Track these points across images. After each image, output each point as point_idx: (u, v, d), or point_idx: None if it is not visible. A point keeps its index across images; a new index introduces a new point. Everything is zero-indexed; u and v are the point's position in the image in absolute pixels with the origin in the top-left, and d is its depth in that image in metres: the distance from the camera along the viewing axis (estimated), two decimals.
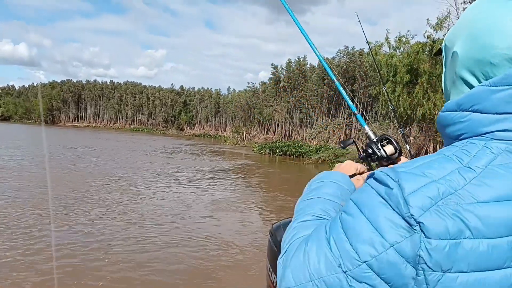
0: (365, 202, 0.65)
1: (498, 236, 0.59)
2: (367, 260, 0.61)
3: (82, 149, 25.03)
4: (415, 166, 0.65)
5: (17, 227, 7.45)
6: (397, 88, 18.83)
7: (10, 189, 10.81)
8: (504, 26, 0.64)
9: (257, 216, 10.06)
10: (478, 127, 0.66)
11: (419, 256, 0.59)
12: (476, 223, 0.58)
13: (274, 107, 42.22)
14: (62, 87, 78.24)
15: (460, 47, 0.71)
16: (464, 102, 0.68)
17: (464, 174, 0.62)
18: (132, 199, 10.66)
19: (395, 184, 0.62)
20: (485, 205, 0.59)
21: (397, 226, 0.60)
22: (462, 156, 0.64)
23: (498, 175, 0.61)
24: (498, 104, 0.64)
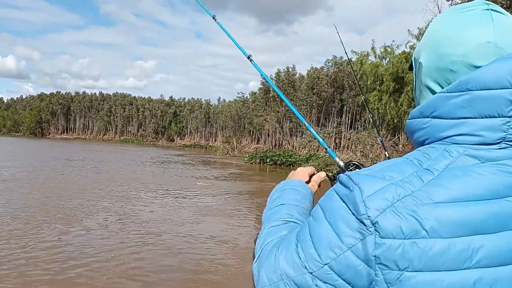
0: (328, 207, 0.69)
1: (453, 236, 0.60)
2: (328, 263, 0.64)
3: (77, 161, 24.81)
4: (377, 169, 0.68)
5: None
6: (384, 97, 19.10)
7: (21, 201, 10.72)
8: (459, 35, 0.69)
9: (246, 221, 10.24)
10: (437, 132, 0.69)
11: (375, 256, 0.61)
12: (431, 223, 0.60)
13: (264, 117, 42.41)
14: (51, 99, 77.72)
15: (424, 58, 0.76)
16: (425, 109, 0.71)
17: (422, 176, 0.64)
18: (132, 207, 11.06)
19: (355, 187, 0.65)
20: (441, 206, 0.61)
21: (353, 229, 0.63)
22: (422, 159, 0.67)
23: (455, 177, 0.63)
24: (454, 109, 0.67)
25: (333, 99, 37.68)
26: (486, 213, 0.62)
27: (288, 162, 29.13)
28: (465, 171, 0.64)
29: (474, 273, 0.60)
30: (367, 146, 27.06)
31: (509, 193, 0.63)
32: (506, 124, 0.65)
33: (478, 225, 0.61)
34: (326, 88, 37.00)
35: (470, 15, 0.70)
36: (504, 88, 0.64)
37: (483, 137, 0.66)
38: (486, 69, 0.66)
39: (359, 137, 31.77)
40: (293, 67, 42.79)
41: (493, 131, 0.65)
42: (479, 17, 0.69)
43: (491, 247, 0.61)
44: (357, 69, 20.99)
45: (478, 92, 0.66)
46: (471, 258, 0.60)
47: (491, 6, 0.71)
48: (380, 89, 19.26)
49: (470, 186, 0.63)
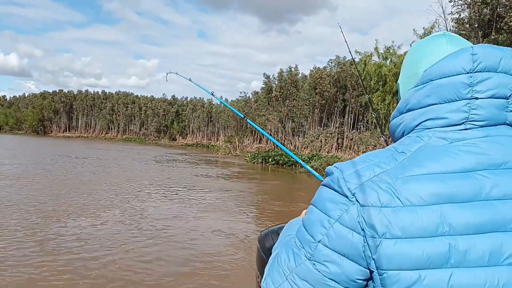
0: (317, 197, 0.76)
1: (426, 204, 0.66)
2: (320, 239, 0.70)
3: (85, 159, 24.92)
4: (361, 156, 0.76)
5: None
6: (387, 97, 19.08)
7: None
8: (426, 56, 0.84)
9: (249, 218, 10.53)
10: (410, 122, 0.78)
11: (359, 222, 0.67)
12: (405, 193, 0.66)
13: (266, 117, 42.42)
14: (53, 97, 77.91)
15: (400, 79, 0.92)
16: (400, 106, 0.82)
17: (397, 157, 0.72)
18: (140, 203, 11.48)
19: (337, 171, 0.73)
20: (414, 178, 0.68)
21: (338, 203, 0.70)
22: (398, 146, 0.75)
23: (426, 154, 0.71)
24: (421, 98, 0.77)
25: (335, 99, 37.66)
26: (457, 184, 0.67)
27: (290, 162, 29.12)
28: (435, 150, 0.71)
29: (449, 240, 0.64)
30: (369, 146, 27.05)
31: (477, 168, 0.69)
32: (466, 105, 0.73)
33: (450, 195, 0.66)
34: (328, 88, 36.97)
35: (430, 40, 0.88)
36: (460, 74, 0.74)
37: (448, 119, 0.73)
38: (443, 61, 0.77)
39: (362, 137, 31.77)
40: (295, 67, 42.80)
41: (456, 112, 0.73)
42: (437, 40, 0.87)
43: (464, 215, 0.65)
44: (361, 69, 20.97)
45: (438, 80, 0.75)
46: (444, 224, 0.64)
47: (445, 32, 0.89)
48: (383, 89, 19.24)
49: (440, 162, 0.69)
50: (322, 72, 38.38)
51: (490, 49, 0.75)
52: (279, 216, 10.89)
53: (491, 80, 0.72)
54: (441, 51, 0.82)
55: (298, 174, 24.41)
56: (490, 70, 0.73)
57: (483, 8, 19.70)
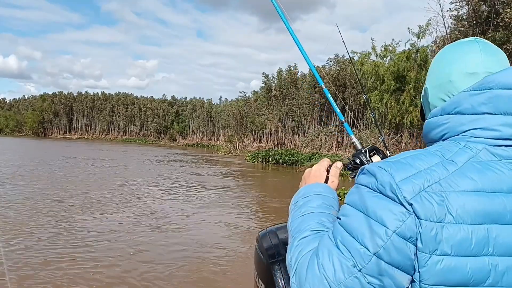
0: (360, 201, 0.72)
1: (475, 223, 0.65)
2: (377, 251, 0.67)
3: (89, 160, 25.03)
4: (404, 157, 0.74)
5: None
6: (385, 96, 19.14)
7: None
8: (459, 63, 0.83)
9: (250, 214, 11.23)
10: (458, 126, 0.76)
11: (417, 234, 0.66)
12: (457, 209, 0.66)
13: (266, 116, 42.45)
14: (53, 99, 77.93)
15: (428, 83, 0.89)
16: (447, 106, 0.79)
17: (447, 166, 0.70)
18: (147, 199, 12.49)
19: (386, 174, 0.70)
20: (465, 194, 0.67)
21: (395, 212, 0.67)
22: (445, 152, 0.73)
23: (477, 169, 0.69)
24: (476, 105, 0.74)
25: (335, 98, 37.61)
26: (503, 204, 0.67)
27: (291, 161, 29.16)
28: (485, 166, 0.69)
29: (491, 259, 0.65)
30: (369, 144, 27.07)
31: None
32: None
33: (496, 215, 0.66)
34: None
35: (460, 46, 0.85)
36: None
37: (500, 132, 0.71)
38: (507, 72, 0.74)
39: (362, 136, 31.75)
40: (294, 66, 42.85)
41: (509, 126, 0.71)
42: (468, 45, 0.84)
43: (507, 237, 0.66)
44: (358, 68, 21.03)
45: (498, 91, 0.72)
46: (489, 245, 0.65)
47: (476, 38, 0.85)
48: (380, 88, 19.30)
49: (490, 179, 0.68)
50: (321, 71, 38.39)
51: None
52: (278, 212, 11.45)
53: None
54: (476, 59, 0.80)
55: (298, 173, 24.46)
56: None
57: (481, 5, 19.70)
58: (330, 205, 0.91)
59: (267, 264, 1.26)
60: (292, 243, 0.84)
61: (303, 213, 0.89)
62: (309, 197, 0.94)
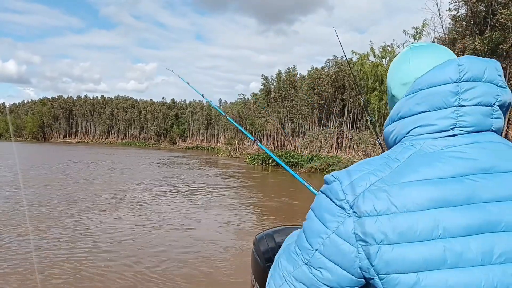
0: (316, 205, 0.80)
1: (420, 210, 0.69)
2: (318, 247, 0.75)
3: (93, 163, 25.11)
4: (355, 165, 0.80)
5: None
6: (384, 97, 19.19)
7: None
8: (394, 73, 0.92)
9: (250, 213, 11.65)
10: (402, 129, 0.82)
11: (355, 234, 0.71)
12: (400, 199, 0.70)
13: (265, 118, 42.54)
14: (53, 103, 78.03)
15: (392, 89, 0.94)
16: (392, 114, 0.86)
17: (391, 164, 0.76)
18: (151, 199, 13.22)
19: (335, 181, 0.77)
20: (408, 184, 0.71)
21: (335, 214, 0.74)
22: (391, 153, 0.79)
23: (418, 161, 0.75)
24: (412, 107, 0.81)
25: (334, 99, 37.76)
26: (450, 189, 0.71)
27: (290, 163, 29.18)
28: (427, 156, 0.75)
29: (444, 242, 0.68)
30: (369, 145, 27.16)
31: (468, 173, 0.73)
32: (454, 112, 0.77)
33: (443, 199, 0.70)
34: (327, 88, 37.07)
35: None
36: (447, 83, 0.78)
37: (437, 125, 0.78)
38: (432, 71, 0.81)
39: (361, 137, 31.84)
40: (293, 68, 42.96)
41: (444, 119, 0.77)
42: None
43: (458, 218, 0.69)
44: (358, 69, 21.08)
45: (428, 89, 0.79)
46: (438, 228, 0.68)
47: (412, 44, 0.93)
48: (380, 89, 19.35)
49: (433, 168, 0.73)
50: (320, 72, 38.49)
51: (475, 60, 0.80)
52: (277, 211, 12.14)
53: (477, 89, 0.77)
54: (406, 70, 0.88)
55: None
56: (476, 80, 0.78)
57: (478, 5, 19.81)
58: None
59: (263, 267, 1.28)
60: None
61: (284, 246, 0.97)
62: (292, 235, 1.02)
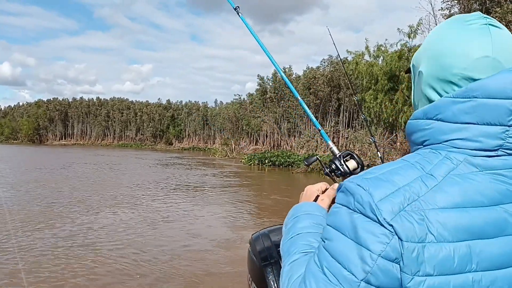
0: (342, 223, 0.69)
1: (457, 241, 0.64)
2: (364, 277, 0.64)
3: (93, 165, 25.09)
4: (382, 173, 0.70)
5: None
6: (379, 96, 19.24)
7: None
8: (460, 49, 0.72)
9: (247, 210, 11.85)
10: (439, 135, 0.72)
11: (401, 255, 0.63)
12: (438, 227, 0.63)
13: (262, 118, 42.51)
14: (48, 105, 77.64)
15: (424, 67, 0.78)
16: (429, 111, 0.74)
17: (426, 181, 0.67)
18: (153, 198, 13.65)
19: (365, 193, 0.67)
20: (445, 211, 0.65)
21: (377, 234, 0.64)
22: (425, 164, 0.70)
23: (456, 183, 0.67)
24: (458, 114, 0.70)
25: (330, 99, 37.81)
26: (485, 218, 0.65)
27: (287, 163, 29.16)
28: (465, 179, 0.67)
29: (475, 275, 0.64)
30: (365, 144, 27.20)
31: (503, 201, 0.67)
32: (505, 133, 0.68)
33: (477, 230, 0.64)
34: (322, 87, 37.12)
35: (470, 29, 0.73)
36: (507, 99, 0.67)
37: (482, 143, 0.68)
38: (492, 79, 0.69)
39: (357, 136, 31.88)
40: (289, 68, 42.95)
41: (491, 138, 0.68)
42: (479, 31, 0.73)
43: (489, 251, 0.65)
44: (353, 68, 21.11)
45: (483, 100, 0.68)
46: (472, 261, 0.64)
47: (489, 20, 0.74)
48: (375, 88, 19.40)
49: (470, 193, 0.66)
50: (316, 72, 38.57)
51: None
52: (273, 208, 12.64)
53: None
54: (484, 63, 0.71)
55: (294, 175, 24.53)
56: None
57: (473, 4, 19.87)
58: (318, 224, 0.90)
59: (259, 266, 1.27)
60: (283, 268, 0.84)
61: (291, 235, 0.89)
62: (297, 217, 0.94)
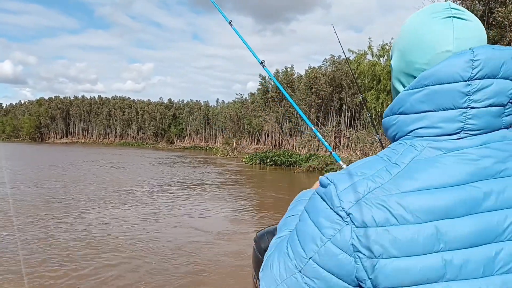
0: (311, 207, 0.74)
1: (421, 222, 0.64)
2: (312, 256, 0.69)
3: (97, 162, 25.18)
4: (352, 168, 0.74)
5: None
6: (381, 95, 19.20)
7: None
8: (423, 41, 0.74)
9: (249, 206, 12.22)
10: (404, 127, 0.75)
11: (352, 245, 0.66)
12: (400, 211, 0.65)
13: (263, 117, 42.49)
14: (49, 104, 77.71)
15: (393, 61, 0.83)
16: (393, 106, 0.78)
17: (391, 169, 0.69)
18: (158, 194, 13.82)
19: (331, 185, 0.71)
20: (408, 195, 0.66)
21: (332, 221, 0.68)
22: (391, 155, 0.72)
23: (420, 168, 0.68)
24: (415, 104, 0.73)
25: (332, 98, 37.76)
26: (452, 198, 0.65)
27: (288, 162, 29.18)
28: (429, 162, 0.68)
29: (444, 255, 0.64)
30: (366, 144, 27.17)
31: (472, 179, 0.67)
32: (462, 115, 0.69)
33: (445, 210, 0.65)
34: (324, 87, 37.07)
35: (435, 22, 0.74)
36: (457, 82, 0.69)
37: (442, 128, 0.70)
38: (440, 66, 0.70)
39: (359, 136, 31.87)
40: (291, 67, 42.93)
41: (451, 122, 0.70)
42: (443, 25, 0.73)
43: (459, 230, 0.64)
44: (354, 67, 21.06)
45: (434, 87, 0.70)
46: (439, 241, 0.64)
47: (454, 12, 0.74)
48: (377, 88, 19.36)
49: (434, 175, 0.67)
50: (318, 72, 38.49)
51: (493, 53, 0.70)
52: (275, 204, 13.14)
53: (490, 88, 0.69)
54: (445, 57, 0.72)
55: (296, 174, 24.52)
56: (490, 77, 0.69)
57: (476, 4, 19.81)
58: None
59: None
60: (272, 240, 0.89)
61: (288, 215, 0.94)
62: (297, 201, 0.97)
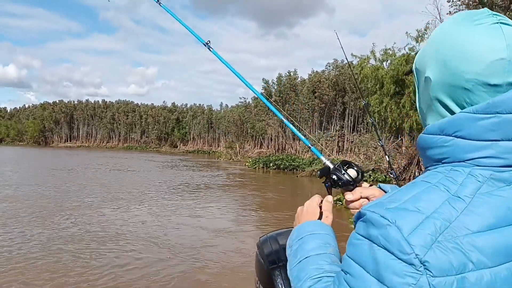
0: (364, 258, 0.64)
1: (497, 264, 0.59)
2: None
3: (103, 165, 25.28)
4: (404, 201, 0.65)
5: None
6: (385, 100, 19.15)
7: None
8: (472, 51, 0.66)
9: (251, 207, 12.36)
10: (462, 153, 0.67)
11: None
12: (476, 254, 0.59)
13: (266, 121, 42.50)
14: (54, 107, 78.11)
15: (431, 72, 0.72)
16: (447, 127, 0.68)
17: (454, 204, 0.62)
18: (164, 195, 14.21)
19: (391, 226, 0.61)
20: (480, 235, 0.60)
21: (403, 275, 0.59)
22: (449, 185, 0.65)
23: (486, 203, 0.62)
24: (482, 131, 0.65)
25: (335, 102, 37.74)
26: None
27: (292, 166, 29.11)
28: (494, 196, 0.63)
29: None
30: (370, 148, 27.09)
31: None
32: None
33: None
34: (327, 91, 37.08)
35: (480, 29, 0.67)
36: None
37: (507, 159, 0.64)
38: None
39: (362, 140, 31.77)
40: (294, 71, 42.98)
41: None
42: (490, 31, 0.66)
43: None
44: (358, 72, 21.06)
45: (507, 115, 0.63)
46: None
47: (500, 18, 0.68)
48: (380, 92, 19.34)
49: (501, 211, 0.62)
50: (321, 76, 38.51)
51: None
52: (277, 205, 13.58)
53: None
54: (499, 66, 0.64)
55: (299, 178, 24.47)
56: None
57: (480, 8, 19.78)
58: (326, 243, 0.88)
59: (267, 269, 1.25)
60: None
61: (299, 259, 0.86)
62: (302, 238, 0.90)
